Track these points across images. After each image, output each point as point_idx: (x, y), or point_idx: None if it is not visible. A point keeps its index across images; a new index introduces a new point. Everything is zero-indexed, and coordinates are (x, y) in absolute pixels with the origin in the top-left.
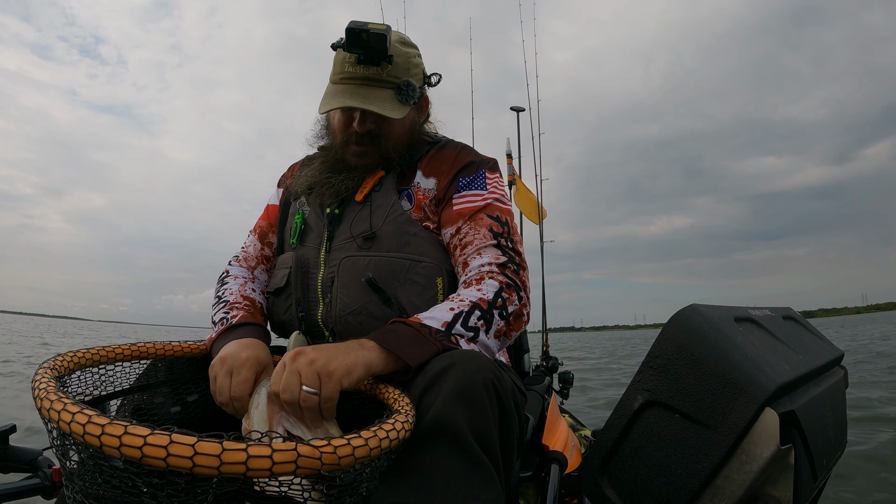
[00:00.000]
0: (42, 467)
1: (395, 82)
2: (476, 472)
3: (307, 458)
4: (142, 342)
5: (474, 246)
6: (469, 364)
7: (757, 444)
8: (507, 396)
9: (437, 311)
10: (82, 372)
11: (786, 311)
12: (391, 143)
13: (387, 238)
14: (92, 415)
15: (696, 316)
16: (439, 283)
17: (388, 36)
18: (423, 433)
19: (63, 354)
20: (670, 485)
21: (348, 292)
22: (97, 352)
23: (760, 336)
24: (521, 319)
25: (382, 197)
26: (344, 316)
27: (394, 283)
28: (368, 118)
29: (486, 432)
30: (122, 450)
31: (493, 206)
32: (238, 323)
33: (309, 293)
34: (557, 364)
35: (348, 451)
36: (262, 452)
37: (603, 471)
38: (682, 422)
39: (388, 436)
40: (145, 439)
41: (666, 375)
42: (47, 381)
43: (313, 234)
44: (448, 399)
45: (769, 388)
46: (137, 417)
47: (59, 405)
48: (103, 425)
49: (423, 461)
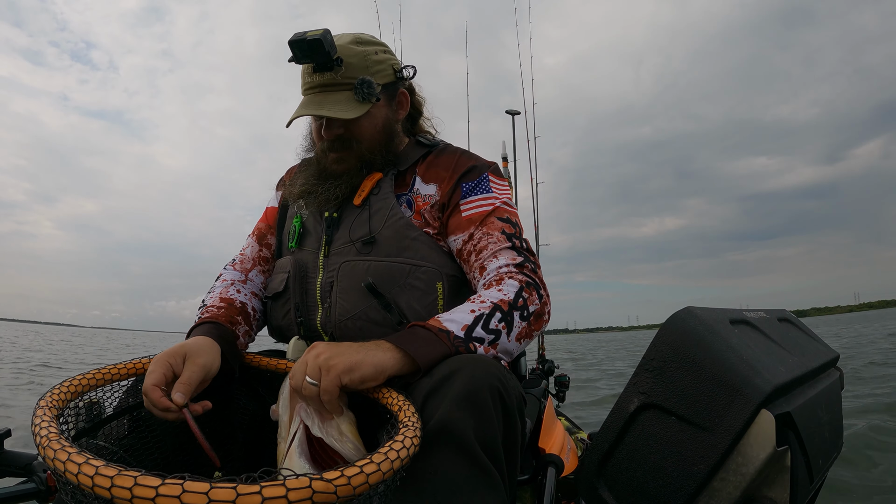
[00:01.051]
0: (37, 472)
1: (350, 83)
2: (481, 478)
3: (322, 493)
4: (136, 358)
5: (489, 250)
6: (475, 369)
7: (753, 446)
8: (512, 402)
9: (458, 313)
10: (80, 398)
11: (781, 314)
12: (364, 144)
13: (386, 242)
14: (99, 465)
15: (691, 318)
16: (439, 287)
17: (326, 39)
18: (429, 438)
19: (60, 385)
20: (667, 487)
21: (348, 297)
22: (93, 375)
23: (756, 338)
24: (542, 319)
25: (381, 200)
26: (343, 321)
27: (394, 289)
28: (333, 124)
29: (491, 438)
30: (134, 502)
31: (502, 208)
32: (195, 325)
33: (308, 298)
34: (553, 367)
35: (362, 479)
36: (276, 493)
37: (599, 473)
38: (678, 424)
39: (398, 455)
40: (157, 490)
41: (662, 378)
42: (48, 422)
43: (312, 238)
44: (454, 404)
45: (765, 390)
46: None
47: (63, 455)
48: (112, 476)
49: (427, 466)
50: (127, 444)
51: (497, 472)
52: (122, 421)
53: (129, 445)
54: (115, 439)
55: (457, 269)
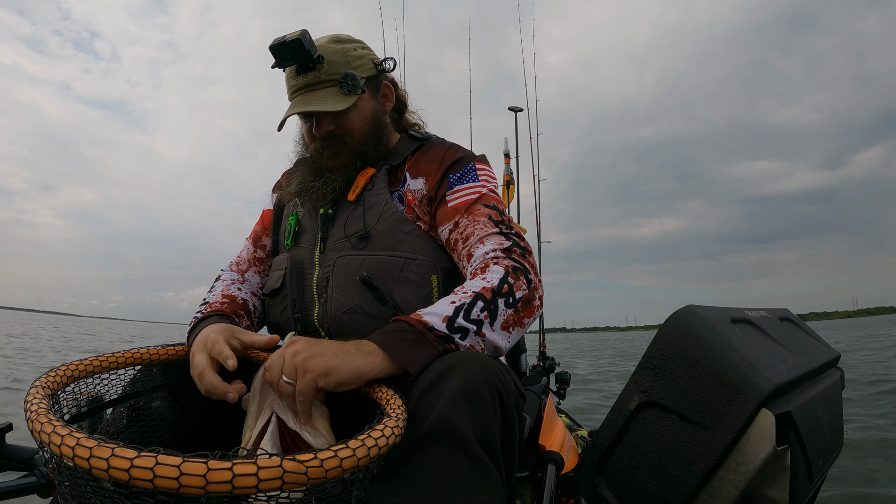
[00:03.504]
0: (38, 466)
1: (334, 79)
2: (479, 475)
3: (293, 473)
4: (135, 348)
5: (476, 236)
6: (472, 365)
7: (753, 445)
8: (509, 399)
9: (439, 305)
10: (76, 384)
11: (783, 313)
12: (356, 137)
13: (380, 237)
14: (81, 437)
15: (692, 317)
16: (434, 280)
17: (305, 38)
18: (426, 435)
19: (56, 369)
20: (666, 485)
21: (343, 291)
22: (90, 362)
23: (757, 337)
24: (533, 304)
25: (375, 196)
26: (339, 315)
27: (388, 282)
28: (324, 121)
29: (489, 435)
30: (111, 472)
31: (488, 196)
32: (203, 317)
33: (304, 294)
34: (554, 364)
35: (335, 463)
36: (247, 471)
37: (599, 471)
38: (678, 423)
39: (376, 443)
40: (132, 461)
41: (662, 376)
42: (39, 400)
43: (307, 235)
44: (451, 401)
45: (765, 389)
46: (135, 423)
47: (49, 427)
48: (91, 447)
49: (425, 463)
50: (127, 437)
51: (495, 468)
52: (122, 413)
53: (130, 438)
54: (114, 432)
55: (451, 262)
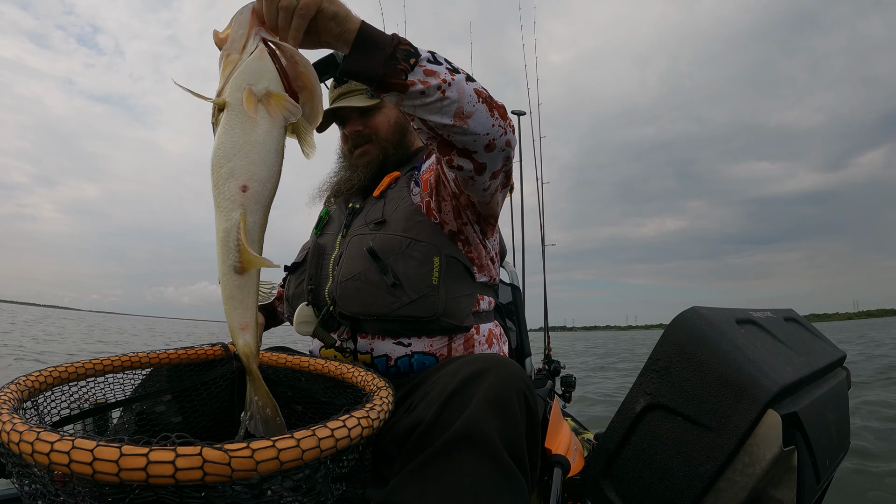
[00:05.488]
0: None
1: (363, 87)
2: (505, 481)
3: (215, 463)
4: (133, 352)
5: None
6: (502, 370)
7: (759, 446)
8: (535, 405)
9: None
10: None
11: (787, 313)
12: (382, 133)
13: (394, 223)
14: (40, 432)
15: (697, 318)
16: (436, 262)
17: (337, 55)
18: (454, 439)
19: (39, 371)
20: (673, 487)
21: (351, 262)
22: (79, 366)
23: (762, 338)
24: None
25: (396, 192)
26: (344, 282)
27: (392, 255)
28: (354, 121)
29: (516, 441)
30: (52, 456)
31: None
32: None
33: (321, 270)
34: (560, 368)
35: (272, 454)
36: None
37: (606, 474)
38: (684, 424)
39: (332, 434)
40: (69, 453)
41: (668, 378)
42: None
43: (334, 224)
44: (480, 405)
45: (771, 389)
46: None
47: (8, 426)
48: (19, 431)
49: (451, 467)
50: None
51: (521, 475)
52: (131, 419)
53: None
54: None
55: (457, 251)
